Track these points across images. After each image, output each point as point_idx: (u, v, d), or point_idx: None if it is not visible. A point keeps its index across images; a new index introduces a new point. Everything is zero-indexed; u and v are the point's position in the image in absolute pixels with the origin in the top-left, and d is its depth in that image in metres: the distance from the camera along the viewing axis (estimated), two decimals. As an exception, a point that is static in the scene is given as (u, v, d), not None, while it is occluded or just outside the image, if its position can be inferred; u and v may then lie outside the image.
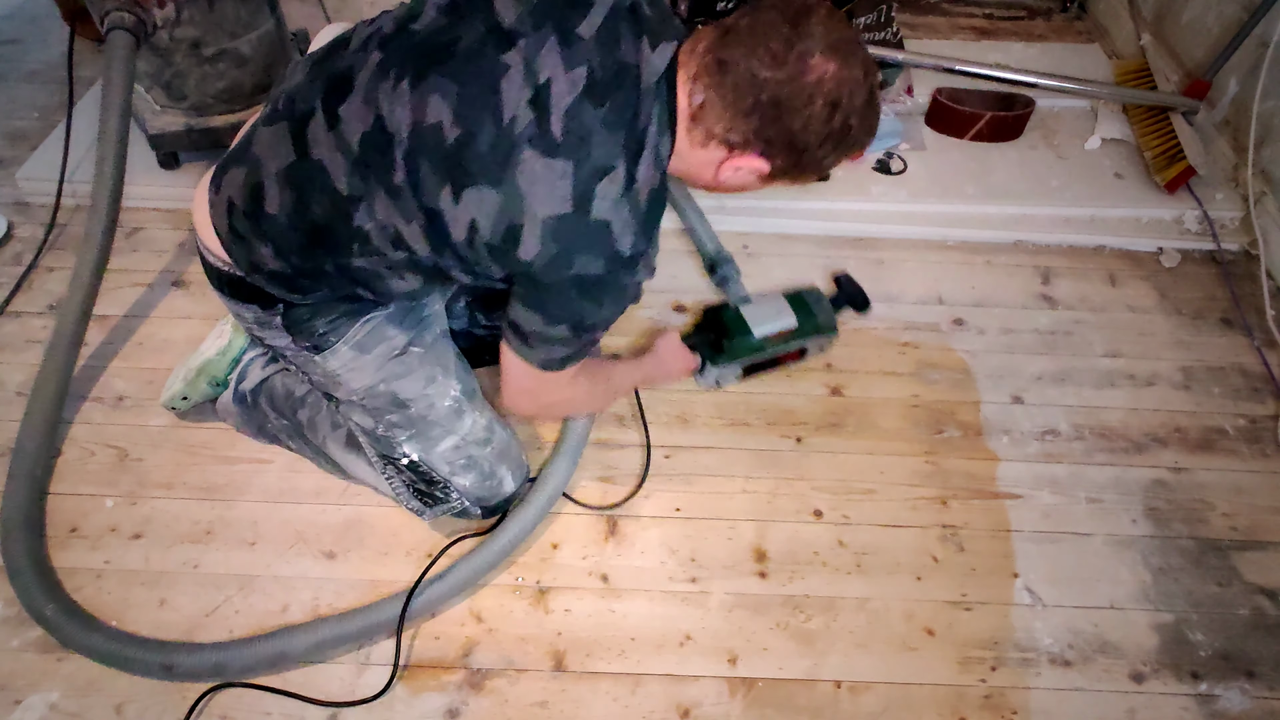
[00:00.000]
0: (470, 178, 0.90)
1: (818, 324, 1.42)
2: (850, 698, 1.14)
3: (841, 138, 0.91)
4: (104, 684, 1.12)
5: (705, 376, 1.43)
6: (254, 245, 1.02)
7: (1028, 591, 1.24)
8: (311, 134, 0.96)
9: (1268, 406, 1.48)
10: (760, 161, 0.93)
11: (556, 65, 0.90)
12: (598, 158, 0.90)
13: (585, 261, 0.93)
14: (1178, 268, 1.72)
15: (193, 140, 1.71)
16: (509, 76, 0.90)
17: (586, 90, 0.89)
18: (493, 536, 1.21)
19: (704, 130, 0.93)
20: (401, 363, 1.14)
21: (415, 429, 1.16)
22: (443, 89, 0.91)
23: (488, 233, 0.92)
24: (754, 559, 1.26)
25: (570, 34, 0.91)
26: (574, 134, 0.89)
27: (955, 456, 1.39)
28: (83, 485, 1.32)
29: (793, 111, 0.88)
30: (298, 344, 1.12)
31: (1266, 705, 1.14)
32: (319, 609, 1.19)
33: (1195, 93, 1.83)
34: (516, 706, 1.12)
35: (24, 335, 1.52)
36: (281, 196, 0.98)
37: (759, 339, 1.39)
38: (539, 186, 0.89)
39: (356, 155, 0.94)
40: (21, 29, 2.24)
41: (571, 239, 0.91)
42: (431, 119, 0.91)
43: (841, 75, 0.87)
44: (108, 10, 1.46)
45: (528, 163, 0.89)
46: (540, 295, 0.97)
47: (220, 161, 1.06)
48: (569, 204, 0.90)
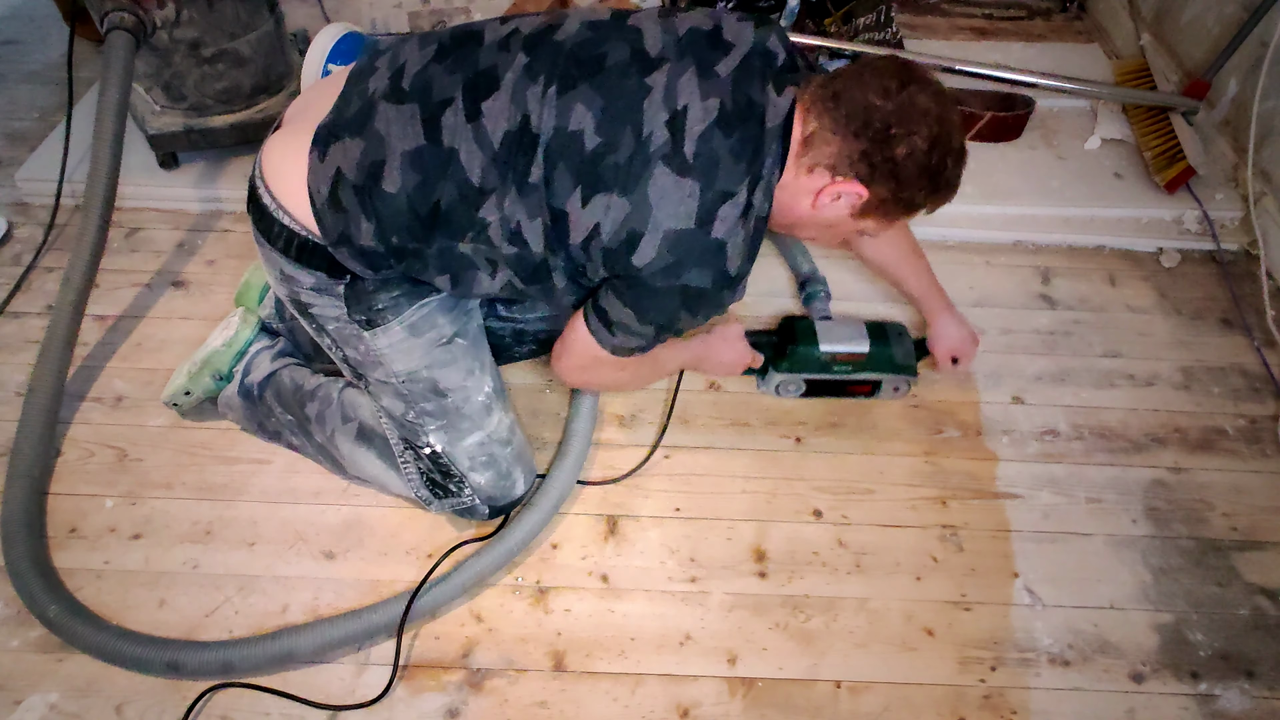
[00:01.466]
0: (603, 184, 0.97)
1: (892, 359, 1.39)
2: (850, 698, 1.14)
3: (936, 175, 0.98)
4: (104, 684, 1.12)
5: (766, 381, 1.43)
6: (355, 219, 1.04)
7: (1027, 591, 1.24)
8: (447, 122, 1.00)
9: (1268, 406, 1.48)
10: (859, 187, 0.98)
11: (694, 94, 0.97)
12: (723, 182, 0.97)
13: (696, 275, 1.00)
14: (1177, 268, 1.72)
15: (192, 140, 1.71)
16: (651, 97, 0.98)
17: (719, 120, 0.97)
18: (499, 538, 1.20)
19: (812, 156, 0.99)
20: (447, 351, 1.17)
21: (446, 419, 1.18)
22: (588, 99, 0.98)
23: (608, 237, 0.99)
24: (754, 559, 1.26)
25: (709, 69, 0.99)
26: (704, 157, 0.96)
27: (955, 456, 1.39)
28: (82, 485, 1.32)
29: (899, 138, 0.95)
30: (351, 316, 1.13)
31: (1266, 705, 1.14)
32: (319, 609, 1.19)
33: (1195, 93, 1.83)
34: (516, 706, 1.12)
35: (23, 335, 1.52)
36: (405, 177, 1.01)
37: (824, 354, 1.38)
38: (667, 201, 0.96)
39: (496, 150, 0.99)
40: (21, 29, 2.24)
41: (688, 253, 0.98)
42: (575, 125, 0.97)
43: (944, 117, 0.96)
44: (107, 10, 1.47)
45: (659, 178, 0.96)
46: (642, 297, 1.04)
47: (323, 126, 1.05)
48: (692, 220, 0.97)
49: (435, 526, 1.28)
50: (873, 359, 1.39)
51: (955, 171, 1.00)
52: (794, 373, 1.40)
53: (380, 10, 2.10)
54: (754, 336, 1.40)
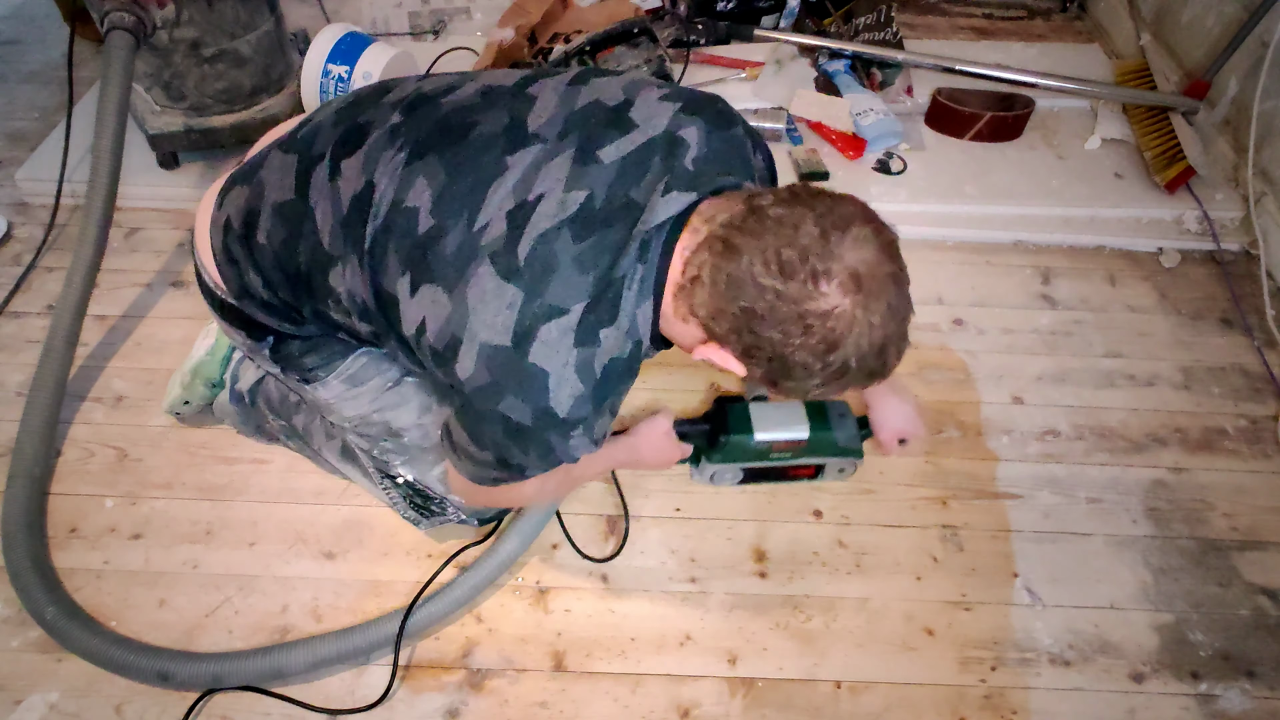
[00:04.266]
0: (429, 275, 0.84)
1: (834, 443, 1.26)
2: (850, 698, 1.13)
3: (835, 378, 0.79)
4: (104, 684, 1.12)
5: (700, 471, 1.31)
6: (245, 269, 0.99)
7: (1027, 591, 1.24)
8: (315, 178, 0.92)
9: (1268, 406, 1.48)
10: (736, 364, 0.82)
11: (557, 183, 0.83)
12: (553, 296, 0.80)
13: (512, 404, 0.83)
14: (1178, 268, 1.72)
15: (192, 140, 1.71)
16: (501, 180, 0.84)
17: (573, 219, 0.81)
18: (491, 550, 1.20)
19: (687, 305, 0.82)
20: (396, 394, 1.12)
21: (409, 455, 1.15)
22: (431, 173, 0.86)
23: (432, 337, 0.85)
24: (754, 559, 1.26)
25: (590, 154, 0.84)
26: (539, 261, 0.80)
27: (955, 456, 1.39)
28: (82, 485, 1.32)
29: (783, 333, 0.76)
30: (286, 375, 1.10)
31: (1267, 705, 1.14)
32: (319, 609, 1.19)
33: (1195, 93, 1.83)
34: (516, 706, 1.12)
35: (23, 335, 1.52)
36: (273, 230, 0.94)
37: (760, 443, 1.24)
38: (486, 308, 0.81)
39: (344, 214, 0.89)
40: (21, 29, 2.24)
41: (503, 376, 0.82)
42: (411, 201, 0.86)
43: (853, 315, 0.75)
44: (107, 10, 1.47)
45: (482, 278, 0.81)
46: (470, 417, 0.89)
47: (230, 175, 1.03)
48: (508, 337, 0.81)
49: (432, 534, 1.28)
50: (813, 444, 1.25)
51: (865, 371, 0.78)
52: (728, 462, 1.27)
53: (380, 10, 2.10)
54: (682, 427, 1.24)
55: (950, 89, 1.91)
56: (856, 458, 1.29)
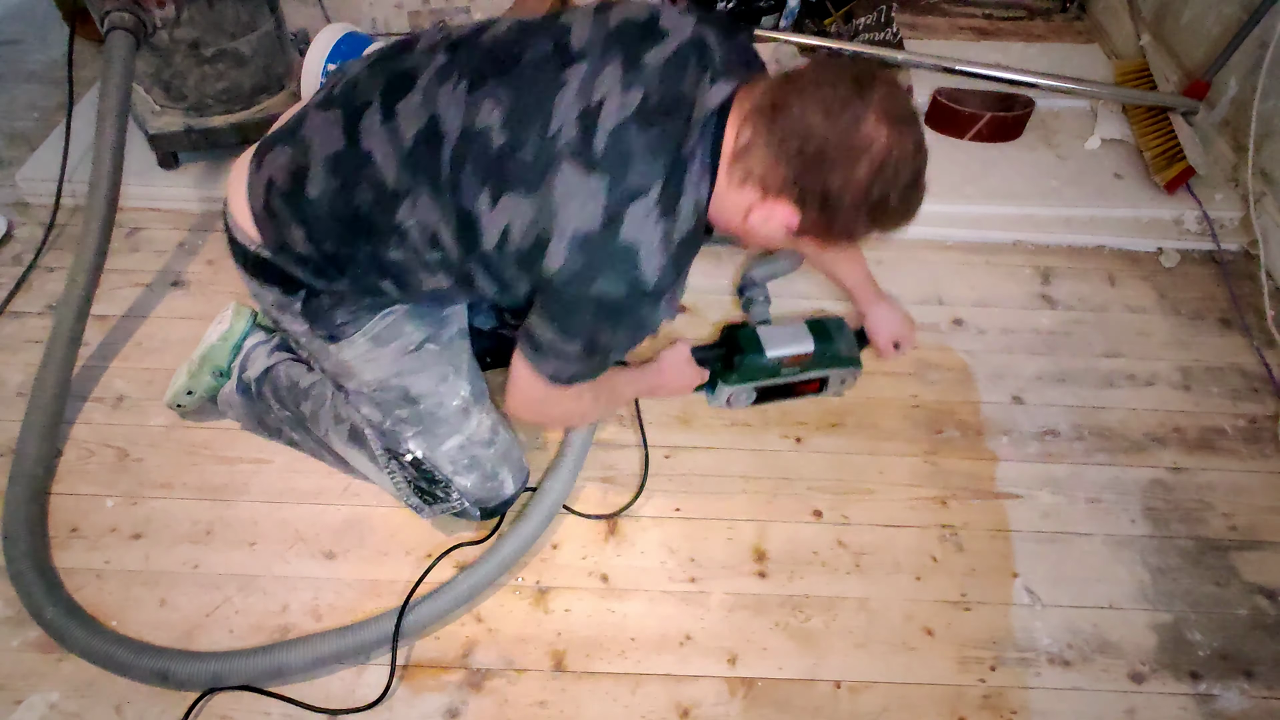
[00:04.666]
0: (509, 184, 0.92)
1: (838, 354, 1.39)
2: (850, 698, 1.14)
3: (877, 210, 0.90)
4: (104, 684, 1.12)
5: (716, 395, 1.41)
6: (288, 226, 1.03)
7: (1027, 591, 1.24)
8: (365, 125, 0.98)
9: (1267, 406, 1.48)
10: (790, 211, 0.92)
11: (614, 86, 0.92)
12: (634, 180, 0.90)
13: (606, 283, 0.92)
14: (1177, 268, 1.72)
15: (192, 140, 1.72)
16: (564, 92, 0.92)
17: (637, 113, 0.90)
18: (491, 551, 1.20)
19: (743, 169, 0.92)
20: (416, 359, 1.15)
21: (422, 425, 1.16)
22: (496, 96, 0.93)
23: (518, 240, 0.94)
24: (754, 559, 1.26)
25: (636, 61, 0.93)
26: (615, 152, 0.90)
27: (955, 456, 1.39)
28: (82, 485, 1.32)
29: (833, 167, 0.87)
30: (314, 332, 1.13)
31: (1265, 705, 1.14)
32: (319, 609, 1.19)
33: (1195, 93, 1.83)
34: (516, 706, 1.12)
35: (23, 335, 1.52)
36: (325, 182, 1.00)
37: (771, 360, 1.36)
38: (572, 200, 0.90)
39: (408, 151, 0.96)
40: (21, 29, 2.24)
41: (596, 257, 0.91)
42: (481, 123, 0.93)
43: (891, 146, 0.86)
44: (108, 10, 1.47)
45: (565, 175, 0.90)
46: (559, 309, 0.97)
47: (264, 139, 1.07)
48: (598, 221, 0.90)
49: (435, 527, 1.28)
50: (819, 356, 1.38)
51: (903, 206, 0.92)
52: (744, 383, 1.38)
53: (380, 10, 2.10)
54: (699, 352, 1.37)
55: (950, 89, 1.91)
56: (856, 367, 1.41)
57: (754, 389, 1.40)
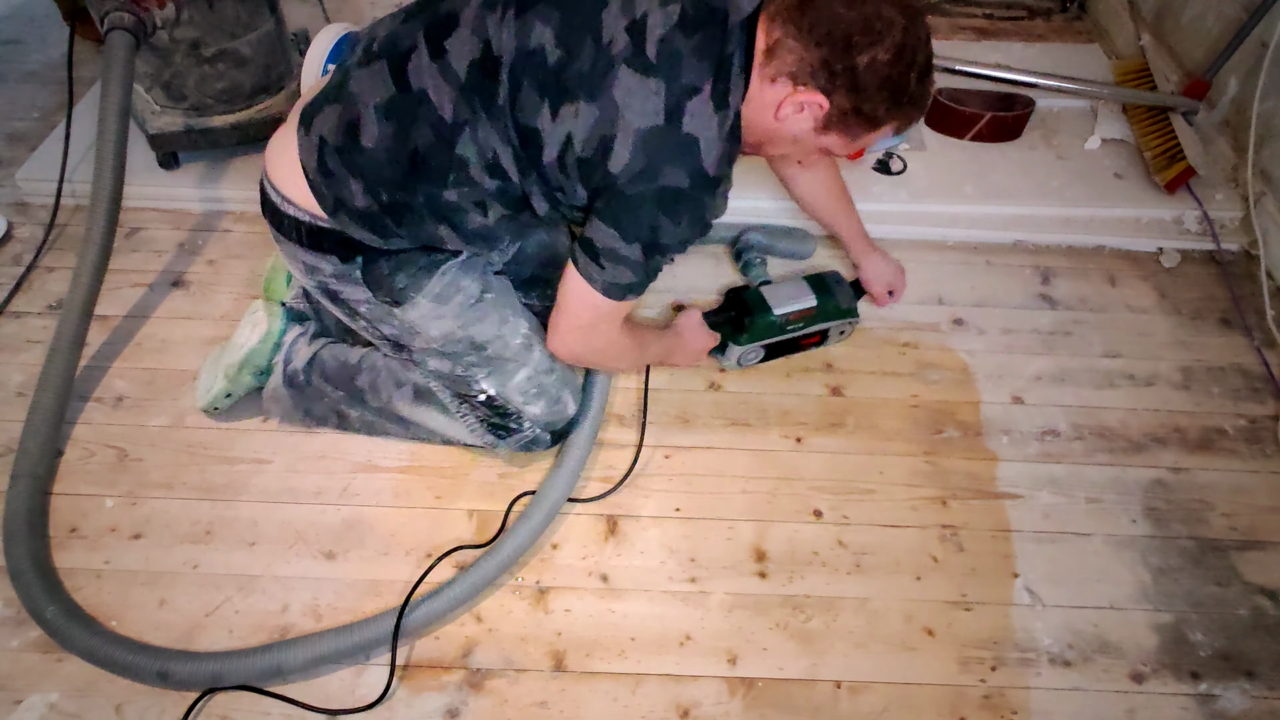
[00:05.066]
0: (568, 94, 0.98)
1: (838, 306, 1.46)
2: (850, 698, 1.14)
3: (898, 90, 0.97)
4: (104, 684, 1.12)
5: (727, 356, 1.46)
6: (344, 181, 1.07)
7: (1027, 591, 1.24)
8: (413, 68, 1.03)
9: (1267, 406, 1.48)
10: (820, 97, 0.98)
11: (652, 2, 0.99)
12: (687, 78, 0.97)
13: (671, 174, 0.99)
14: (1177, 268, 1.72)
15: (192, 140, 1.71)
16: (609, 8, 1.00)
17: (679, 23, 0.98)
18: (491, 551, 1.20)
19: (775, 65, 0.98)
20: (477, 309, 1.21)
21: (492, 366, 1.23)
22: (545, 16, 1.00)
23: (580, 146, 0.99)
24: (754, 559, 1.26)
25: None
26: (666, 56, 0.97)
27: (955, 456, 1.39)
28: (82, 485, 1.32)
29: (861, 48, 0.94)
30: (377, 298, 1.17)
31: (1266, 705, 1.14)
32: (319, 609, 1.19)
33: (1195, 93, 1.83)
34: (516, 706, 1.12)
35: (24, 335, 1.52)
36: (380, 129, 1.04)
37: (779, 317, 1.42)
38: (634, 100, 0.97)
39: (463, 82, 1.01)
40: (21, 29, 2.24)
41: (660, 151, 0.98)
42: (535, 43, 0.99)
43: (909, 29, 0.95)
44: (107, 10, 1.46)
45: (623, 79, 0.97)
46: (622, 209, 1.02)
47: (306, 106, 1.11)
48: (660, 117, 0.97)
49: (435, 527, 1.28)
50: (821, 310, 1.44)
51: (919, 88, 0.99)
52: (753, 341, 1.44)
53: (380, 10, 2.10)
54: (710, 317, 1.43)
55: (950, 89, 1.91)
56: (854, 318, 1.49)
57: (762, 347, 1.45)
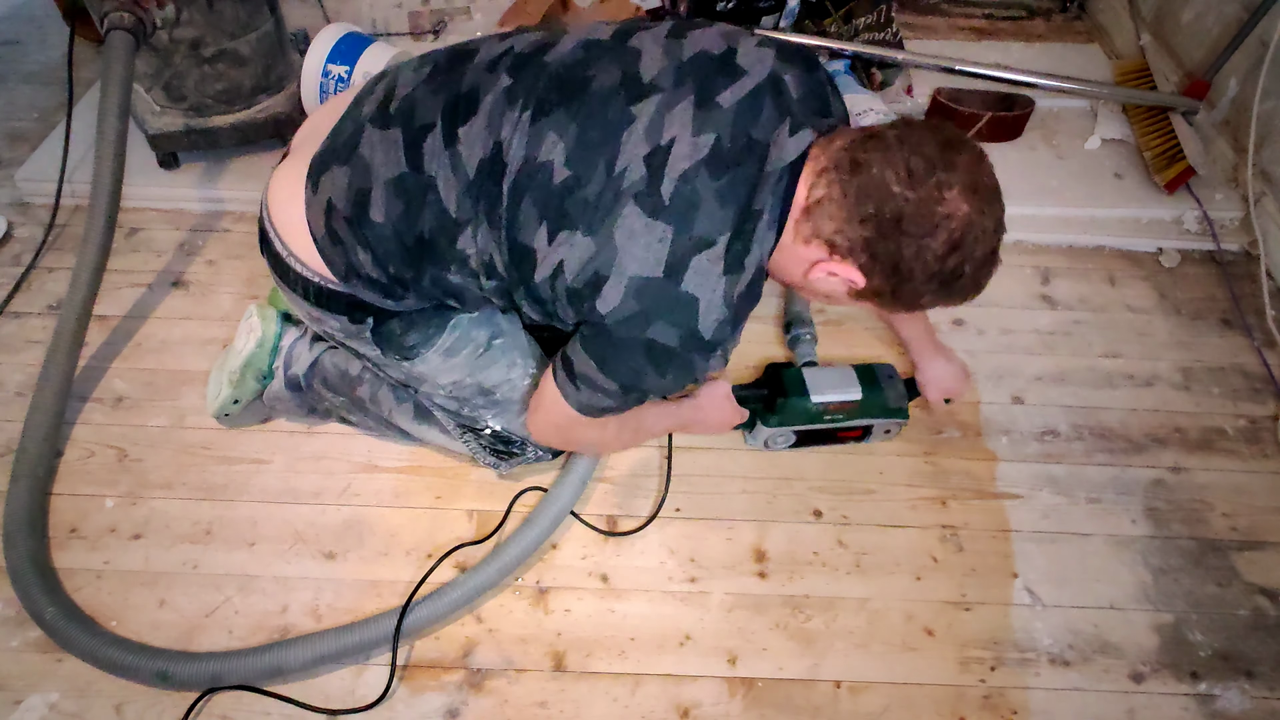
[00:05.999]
0: (568, 221, 0.90)
1: (885, 404, 1.33)
2: (850, 698, 1.14)
3: (949, 282, 0.87)
4: (103, 684, 1.12)
5: (754, 435, 1.36)
6: (353, 250, 1.02)
7: (1027, 591, 1.24)
8: (428, 148, 0.95)
9: (1268, 406, 1.48)
10: (856, 274, 0.88)
11: (685, 127, 0.88)
12: (701, 229, 0.87)
13: (661, 330, 0.90)
14: (1177, 268, 1.72)
15: (192, 140, 1.71)
16: (632, 128, 0.89)
17: (708, 159, 0.87)
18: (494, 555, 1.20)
19: (812, 226, 0.88)
20: (487, 358, 1.18)
21: (499, 408, 1.20)
22: (561, 127, 0.90)
23: (571, 277, 0.92)
24: (754, 559, 1.26)
25: (709, 99, 0.89)
26: (683, 199, 0.87)
27: (955, 456, 1.39)
28: (82, 486, 1.32)
29: (910, 236, 0.83)
30: (387, 356, 1.15)
31: (1266, 705, 1.14)
32: (319, 609, 1.19)
33: (1195, 93, 1.83)
34: (516, 706, 1.12)
35: (23, 336, 1.52)
36: (389, 206, 0.98)
37: (816, 405, 1.30)
38: (635, 244, 0.88)
39: (470, 180, 0.94)
40: (21, 29, 2.24)
41: (654, 304, 0.89)
42: (544, 156, 0.91)
43: (973, 219, 0.84)
44: (107, 10, 1.46)
45: (629, 218, 0.88)
46: (605, 347, 0.95)
47: (316, 156, 1.03)
48: (660, 269, 0.88)
49: (435, 527, 1.28)
50: (865, 405, 1.32)
51: (974, 279, 0.88)
52: (785, 426, 1.33)
53: (380, 10, 2.10)
54: (740, 391, 1.31)
55: (950, 89, 1.91)
56: (903, 418, 1.35)
57: (793, 432, 1.34)
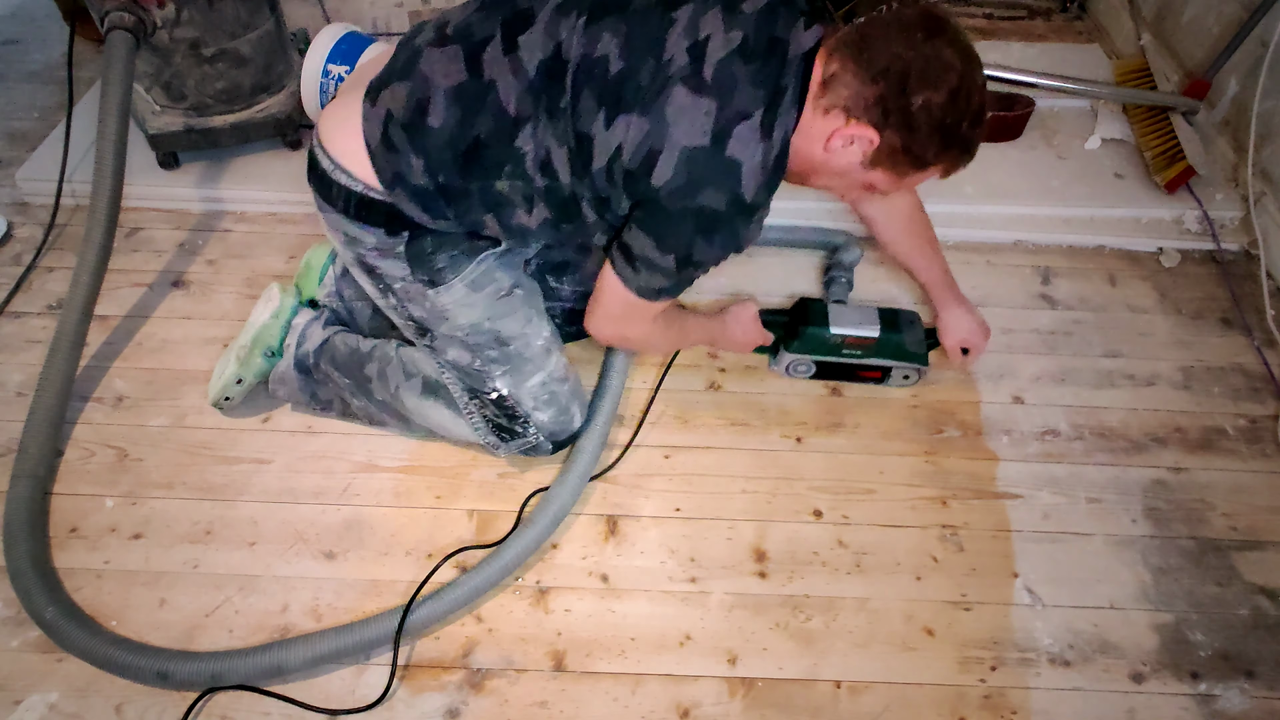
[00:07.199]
0: (624, 105, 1.01)
1: (902, 346, 1.41)
2: (850, 698, 1.14)
3: (949, 132, 0.98)
4: (103, 684, 1.12)
5: (778, 360, 1.46)
6: (406, 157, 1.08)
7: (1027, 591, 1.24)
8: (488, 57, 1.05)
9: (1268, 406, 1.48)
10: (872, 132, 0.99)
11: (717, 26, 1.02)
12: (740, 103, 0.99)
13: (710, 195, 1.01)
14: (1178, 268, 1.72)
15: (192, 140, 1.72)
16: (674, 28, 1.02)
17: (739, 49, 1.00)
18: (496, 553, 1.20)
19: (829, 97, 1.00)
20: (507, 303, 1.23)
21: (510, 364, 1.24)
22: (614, 28, 1.03)
23: (628, 157, 1.02)
24: (754, 559, 1.26)
25: (734, 7, 1.03)
26: (723, 79, 0.99)
27: (955, 456, 1.39)
28: (82, 485, 1.32)
29: (917, 88, 0.95)
30: (415, 276, 1.18)
31: (1266, 705, 1.14)
32: (319, 609, 1.19)
33: (1195, 93, 1.83)
34: (516, 706, 1.12)
35: (23, 335, 1.52)
36: (447, 111, 1.06)
37: (834, 336, 1.40)
38: (683, 118, 0.99)
39: (531, 79, 1.04)
40: (21, 29, 2.24)
41: (703, 171, 1.00)
42: (600, 52, 1.02)
43: (966, 74, 0.96)
44: (107, 10, 1.47)
45: (677, 97, 0.99)
46: (660, 221, 1.05)
47: (374, 80, 1.11)
48: (707, 138, 0.99)
49: (435, 527, 1.28)
50: (883, 345, 1.40)
51: (971, 132, 1.00)
52: (804, 353, 1.42)
53: (380, 10, 2.10)
54: (767, 316, 1.42)
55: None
56: (921, 364, 1.42)
57: (814, 362, 1.43)
